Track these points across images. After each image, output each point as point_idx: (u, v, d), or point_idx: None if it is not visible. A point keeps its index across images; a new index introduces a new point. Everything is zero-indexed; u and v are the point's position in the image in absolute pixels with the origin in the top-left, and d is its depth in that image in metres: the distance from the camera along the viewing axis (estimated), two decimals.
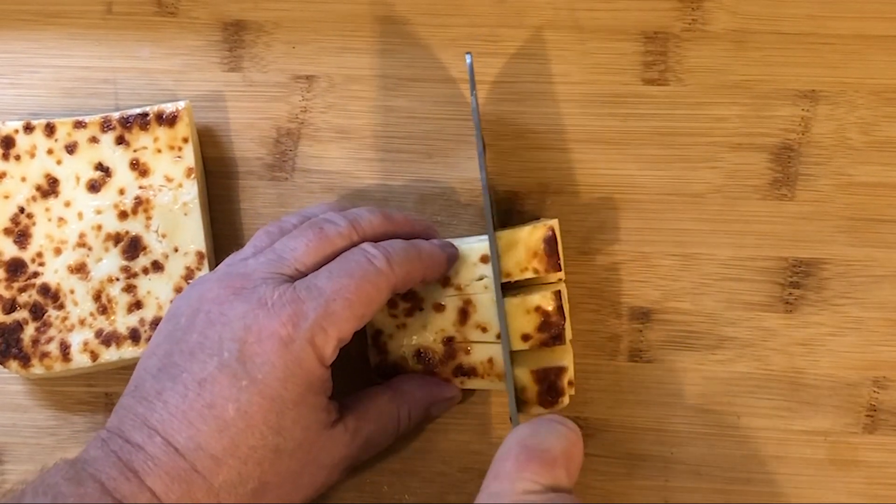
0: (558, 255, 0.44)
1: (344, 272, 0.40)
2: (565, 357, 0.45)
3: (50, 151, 0.48)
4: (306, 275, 0.41)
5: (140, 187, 0.48)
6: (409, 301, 0.46)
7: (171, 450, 0.37)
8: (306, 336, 0.39)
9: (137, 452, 0.37)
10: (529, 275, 0.44)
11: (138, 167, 0.48)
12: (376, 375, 0.46)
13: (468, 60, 0.45)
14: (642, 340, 0.48)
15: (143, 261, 0.47)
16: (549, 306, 0.44)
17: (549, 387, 0.44)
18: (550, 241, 0.44)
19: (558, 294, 0.44)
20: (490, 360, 0.45)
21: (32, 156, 0.48)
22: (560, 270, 0.44)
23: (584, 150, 0.49)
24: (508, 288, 0.45)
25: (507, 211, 0.49)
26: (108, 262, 0.47)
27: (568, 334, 0.45)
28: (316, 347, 0.39)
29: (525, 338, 0.44)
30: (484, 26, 0.50)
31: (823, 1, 0.49)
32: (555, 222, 0.45)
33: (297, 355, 0.39)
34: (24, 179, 0.48)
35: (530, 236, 0.44)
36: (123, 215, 0.48)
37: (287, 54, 0.51)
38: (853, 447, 0.47)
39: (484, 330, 0.45)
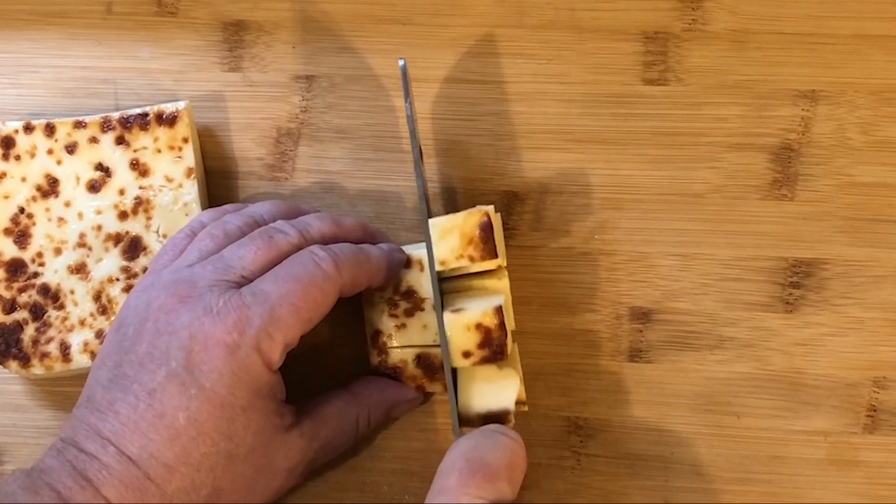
0: (494, 241, 0.42)
1: (290, 276, 0.40)
2: (512, 376, 0.43)
3: (50, 151, 0.48)
4: (252, 281, 0.41)
5: (140, 187, 0.48)
6: (409, 301, 0.46)
7: (125, 459, 0.38)
8: (252, 343, 0.39)
9: (91, 462, 0.38)
10: (465, 262, 0.42)
11: (138, 167, 0.48)
12: (375, 373, 0.46)
13: (401, 64, 0.44)
14: (642, 340, 0.48)
15: (143, 261, 0.47)
16: (491, 323, 0.41)
17: (493, 419, 0.43)
18: (486, 227, 0.42)
19: (499, 310, 0.42)
20: None
21: (32, 156, 0.48)
22: (496, 257, 0.42)
23: (584, 150, 0.49)
24: (451, 279, 0.45)
25: (506, 212, 0.49)
26: (108, 263, 0.47)
27: (510, 345, 0.43)
28: (262, 353, 0.39)
29: (466, 355, 0.42)
30: (484, 26, 0.50)
31: (823, 1, 0.49)
32: (490, 208, 0.43)
33: (244, 362, 0.39)
34: (24, 179, 0.48)
35: (465, 222, 0.42)
36: (123, 215, 0.48)
37: (287, 54, 0.51)
38: (853, 447, 0.47)
39: None
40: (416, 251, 0.46)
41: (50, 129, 0.48)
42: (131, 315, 0.41)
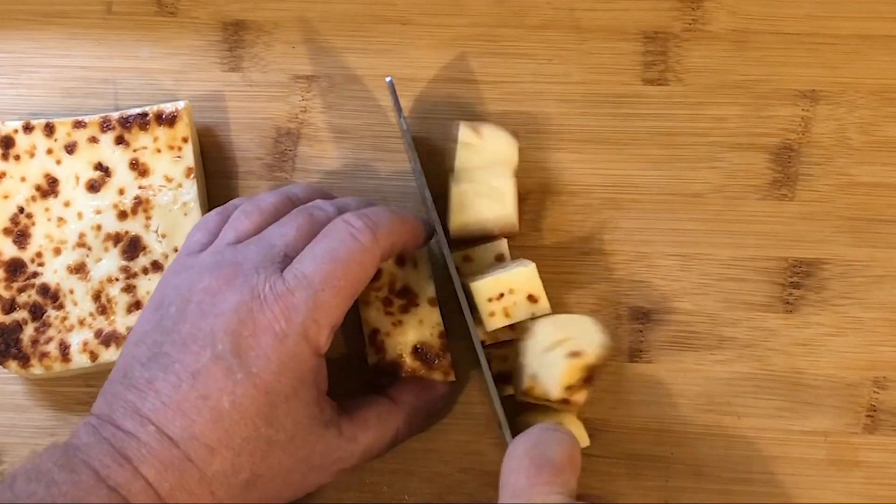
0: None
1: (329, 255, 0.40)
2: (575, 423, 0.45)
3: (49, 151, 0.48)
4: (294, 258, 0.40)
5: (140, 187, 0.48)
6: (404, 298, 0.46)
7: (165, 438, 0.37)
8: (299, 331, 0.39)
9: (130, 440, 0.37)
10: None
11: (138, 167, 0.48)
12: (374, 374, 0.46)
13: (388, 81, 0.44)
14: (642, 340, 0.48)
15: (142, 261, 0.47)
16: (598, 363, 0.43)
17: None
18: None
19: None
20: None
21: (32, 156, 0.48)
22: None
23: (584, 150, 0.49)
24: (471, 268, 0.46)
25: None
26: (108, 263, 0.47)
27: None
28: (310, 340, 0.39)
29: (569, 389, 0.43)
30: (484, 26, 0.50)
31: (823, 1, 0.50)
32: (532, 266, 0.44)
33: (292, 349, 0.39)
34: (23, 179, 0.48)
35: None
36: (123, 215, 0.48)
37: (287, 54, 0.51)
38: (853, 447, 0.47)
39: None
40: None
41: (49, 129, 0.48)
42: (172, 295, 0.40)
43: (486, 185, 0.46)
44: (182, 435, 0.37)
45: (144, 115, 0.48)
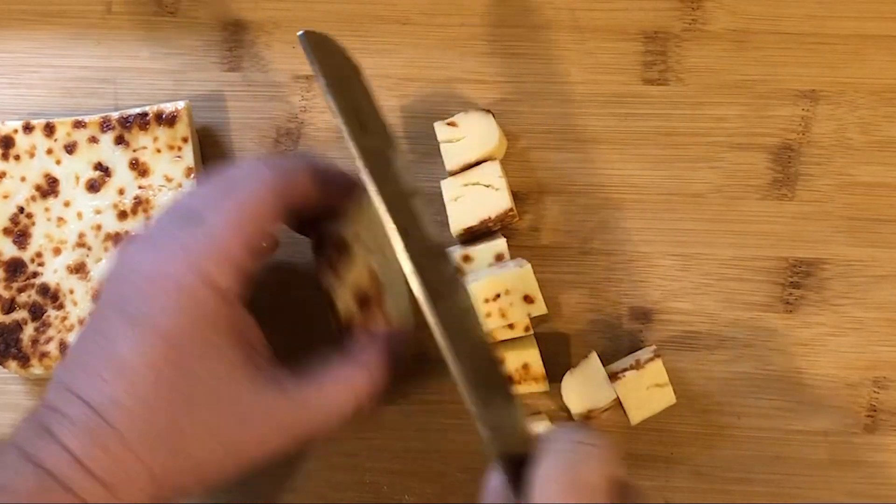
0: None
1: (222, 192, 0.39)
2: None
3: (49, 151, 0.48)
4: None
5: (140, 187, 0.48)
6: (341, 251, 0.44)
7: (81, 403, 0.36)
8: (195, 271, 0.37)
9: (54, 414, 0.37)
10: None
11: (138, 167, 0.48)
12: (339, 337, 0.44)
13: (300, 35, 0.39)
14: (642, 340, 0.48)
15: None
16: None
17: None
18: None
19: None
20: None
21: (32, 156, 0.48)
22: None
23: (584, 150, 0.49)
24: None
25: None
26: (108, 262, 0.47)
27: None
28: (210, 281, 0.37)
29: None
30: (484, 26, 0.50)
31: (823, 1, 0.50)
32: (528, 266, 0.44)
33: (191, 293, 0.37)
34: (23, 179, 0.48)
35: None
36: (123, 215, 0.48)
37: (287, 54, 0.51)
38: (853, 447, 0.47)
39: None
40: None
41: (49, 129, 0.48)
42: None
43: (476, 180, 0.46)
44: (99, 399, 0.36)
45: (144, 115, 0.48)
